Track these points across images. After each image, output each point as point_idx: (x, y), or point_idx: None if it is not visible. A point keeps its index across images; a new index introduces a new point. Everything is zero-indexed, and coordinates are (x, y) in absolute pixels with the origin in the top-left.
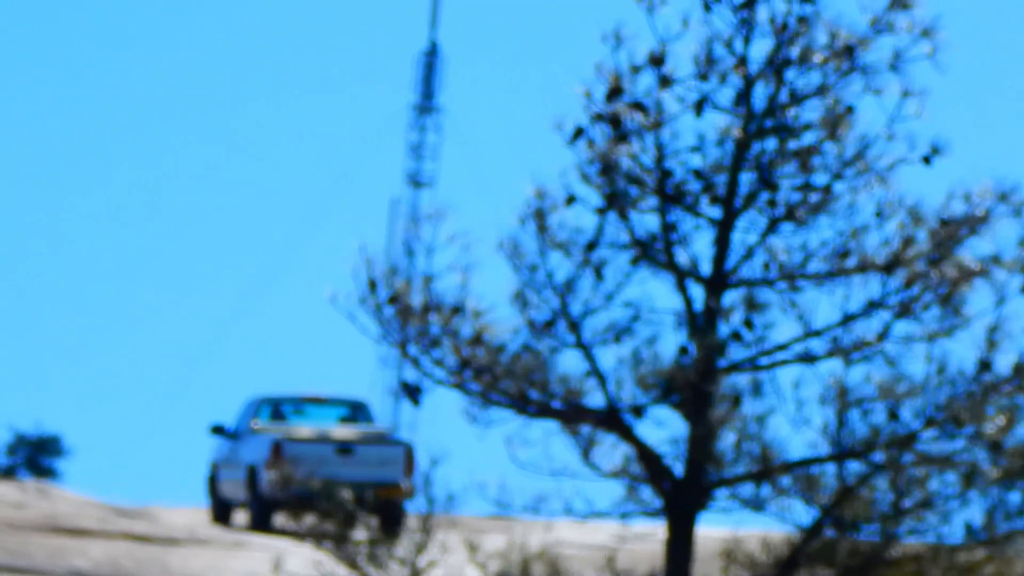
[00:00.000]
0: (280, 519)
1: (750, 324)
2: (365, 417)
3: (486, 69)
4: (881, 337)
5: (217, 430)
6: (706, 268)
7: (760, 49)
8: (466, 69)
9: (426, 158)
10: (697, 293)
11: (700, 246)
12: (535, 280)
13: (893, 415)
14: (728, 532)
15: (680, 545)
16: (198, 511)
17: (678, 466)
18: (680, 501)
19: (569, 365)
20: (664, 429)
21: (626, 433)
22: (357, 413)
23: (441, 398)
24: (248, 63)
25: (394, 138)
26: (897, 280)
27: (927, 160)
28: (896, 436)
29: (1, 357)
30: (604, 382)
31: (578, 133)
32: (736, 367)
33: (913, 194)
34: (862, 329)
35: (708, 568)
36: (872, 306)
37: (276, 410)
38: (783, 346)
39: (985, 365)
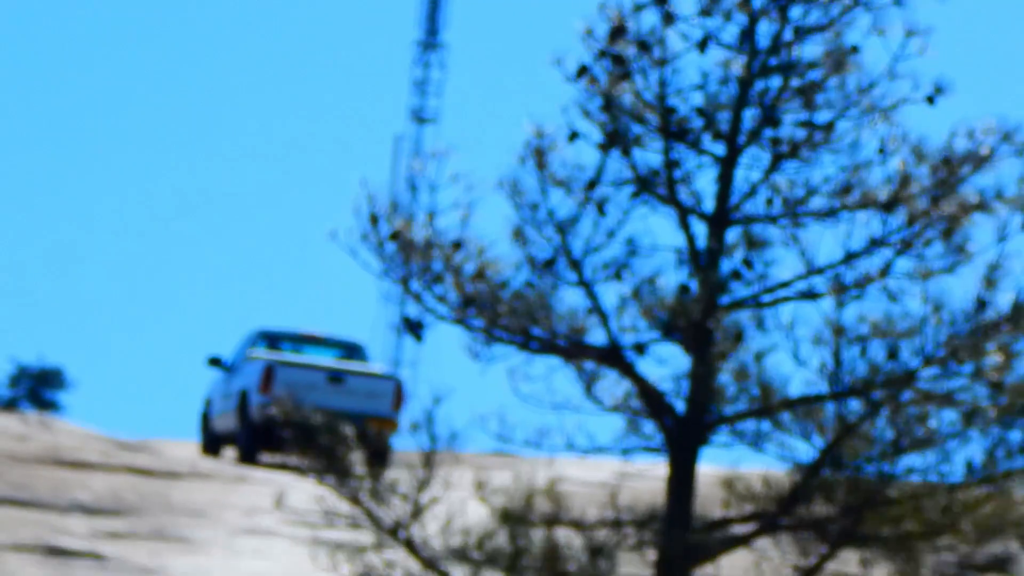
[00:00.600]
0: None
1: (749, 264)
2: (360, 358)
3: (490, 5)
4: (883, 273)
5: (214, 362)
6: (709, 205)
7: None
8: (471, 5)
9: (430, 94)
10: (700, 230)
11: (703, 183)
12: (536, 218)
13: (892, 354)
14: (729, 470)
15: (681, 482)
16: (200, 445)
17: (679, 403)
18: (681, 437)
19: (571, 302)
20: (666, 366)
21: (628, 370)
22: (353, 354)
23: (443, 334)
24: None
25: (398, 74)
26: (899, 217)
27: (931, 100)
28: (895, 374)
29: (3, 290)
30: (606, 319)
31: (582, 71)
32: (738, 304)
33: (916, 132)
34: (864, 266)
35: (709, 506)
36: (874, 243)
37: (273, 343)
38: (785, 283)
39: (982, 303)
